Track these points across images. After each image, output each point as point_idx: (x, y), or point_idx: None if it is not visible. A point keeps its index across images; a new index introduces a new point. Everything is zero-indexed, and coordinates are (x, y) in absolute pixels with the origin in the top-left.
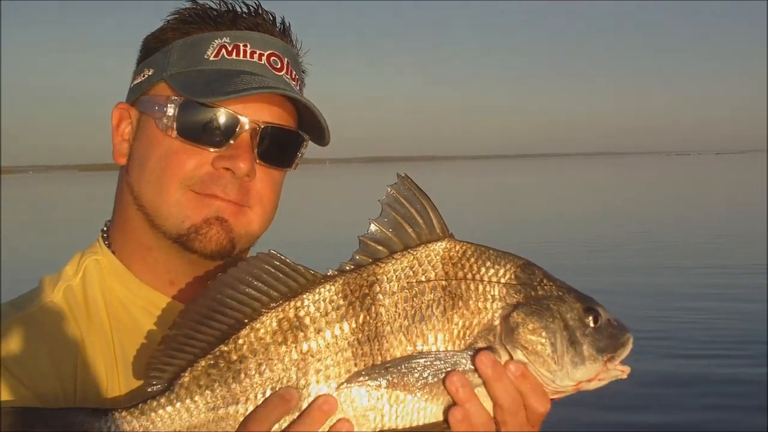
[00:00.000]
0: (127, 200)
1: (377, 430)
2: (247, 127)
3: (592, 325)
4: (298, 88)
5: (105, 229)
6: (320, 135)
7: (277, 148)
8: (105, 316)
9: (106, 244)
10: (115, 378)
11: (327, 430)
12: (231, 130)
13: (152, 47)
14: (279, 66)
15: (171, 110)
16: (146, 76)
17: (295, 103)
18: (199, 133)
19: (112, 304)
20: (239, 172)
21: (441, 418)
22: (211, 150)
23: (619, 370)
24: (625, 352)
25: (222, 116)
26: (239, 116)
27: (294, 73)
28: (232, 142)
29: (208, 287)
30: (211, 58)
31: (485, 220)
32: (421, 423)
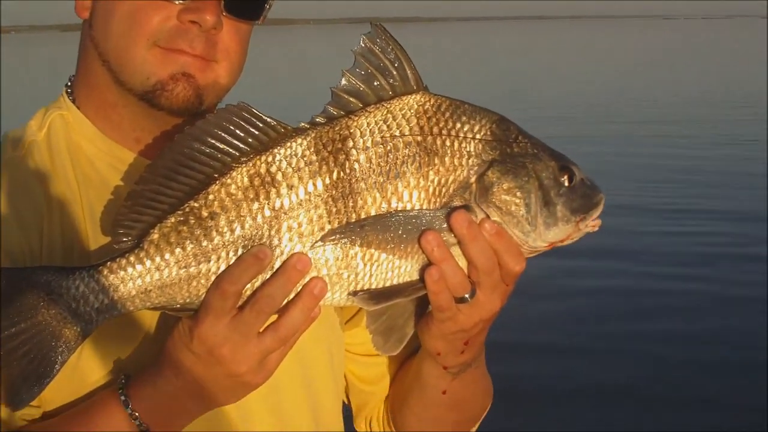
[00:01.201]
0: (91, 56)
1: (351, 289)
2: None
3: (566, 184)
4: None
5: (69, 84)
6: None
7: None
8: (71, 172)
9: (70, 100)
10: (83, 235)
11: (300, 288)
12: None
13: None
14: None
15: None
16: None
17: None
18: None
19: (79, 160)
20: (205, 24)
21: (416, 277)
22: (177, 2)
23: (590, 227)
24: (597, 212)
25: None
26: None
27: None
28: None
29: (175, 140)
30: None
31: (468, 82)
32: (396, 282)
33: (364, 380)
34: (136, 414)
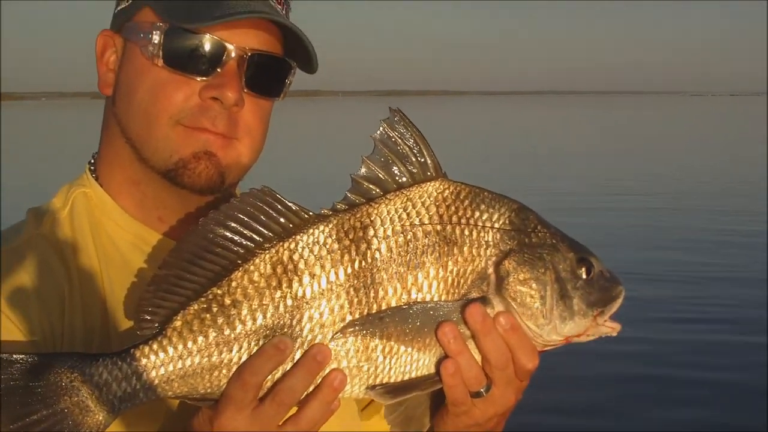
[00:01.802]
0: (114, 132)
1: (370, 381)
2: (233, 54)
3: (584, 276)
4: (284, 12)
5: (92, 161)
6: (308, 62)
7: (265, 76)
8: (93, 251)
9: (93, 177)
10: (104, 316)
11: (320, 380)
12: (218, 57)
13: None
14: None
15: (156, 37)
16: (130, 1)
17: (282, 28)
18: (185, 61)
19: (101, 239)
20: (227, 101)
21: (434, 369)
22: (198, 79)
23: (609, 327)
24: (616, 307)
25: (208, 43)
26: (225, 43)
27: None
28: (219, 70)
29: (199, 225)
30: None
31: (488, 157)
32: (413, 375)
33: None
34: None
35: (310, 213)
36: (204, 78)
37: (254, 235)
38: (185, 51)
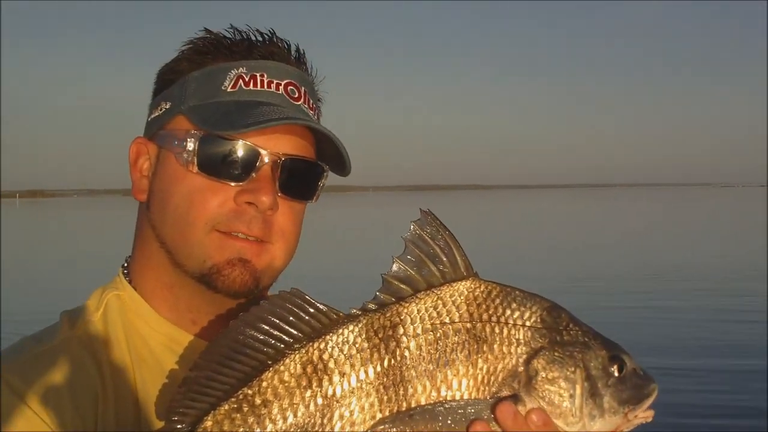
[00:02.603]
0: (148, 237)
1: None
2: (267, 159)
3: (616, 374)
4: (315, 116)
5: (125, 264)
6: (341, 164)
7: (298, 179)
8: (126, 353)
9: (127, 280)
10: (136, 418)
11: None
12: (252, 163)
13: (167, 79)
14: (297, 95)
15: (191, 145)
16: (163, 109)
17: (314, 132)
18: (220, 167)
19: (134, 341)
20: (262, 206)
21: None
22: (233, 185)
23: (641, 418)
24: (647, 404)
25: (242, 149)
26: (259, 149)
27: (311, 101)
28: (253, 175)
29: (229, 327)
30: (229, 89)
31: (520, 250)
32: None
33: None
34: None
35: (340, 314)
36: (239, 183)
37: (284, 336)
38: (220, 157)
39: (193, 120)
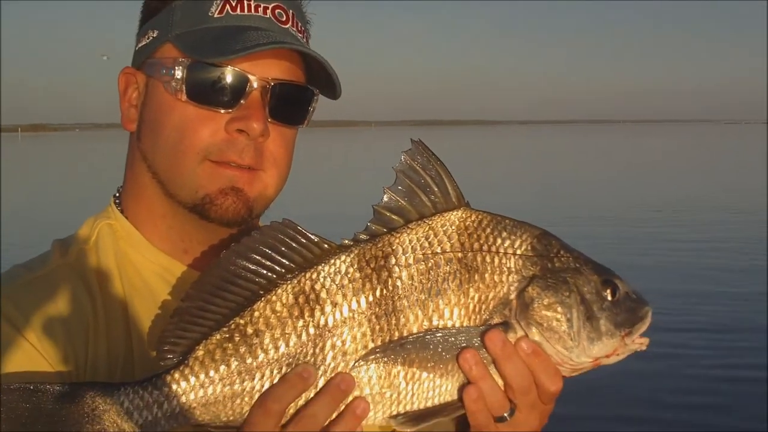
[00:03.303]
0: (139, 167)
1: (393, 408)
2: (256, 85)
3: (609, 298)
4: (304, 39)
5: (117, 194)
6: (331, 88)
7: (288, 104)
8: (118, 282)
9: (119, 210)
10: (128, 347)
11: (343, 408)
12: (241, 89)
13: (154, 6)
14: (284, 18)
15: (179, 73)
16: (151, 38)
17: (303, 56)
18: (209, 94)
19: (126, 270)
20: (253, 132)
21: (456, 395)
22: (223, 112)
23: (637, 344)
24: (644, 326)
25: (230, 75)
26: (248, 75)
27: (300, 24)
28: (242, 102)
29: (220, 258)
30: (216, 15)
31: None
32: (437, 402)
33: None
34: None
35: (332, 244)
36: (229, 110)
37: (276, 267)
38: (208, 84)
39: (181, 47)
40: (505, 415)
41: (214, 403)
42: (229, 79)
